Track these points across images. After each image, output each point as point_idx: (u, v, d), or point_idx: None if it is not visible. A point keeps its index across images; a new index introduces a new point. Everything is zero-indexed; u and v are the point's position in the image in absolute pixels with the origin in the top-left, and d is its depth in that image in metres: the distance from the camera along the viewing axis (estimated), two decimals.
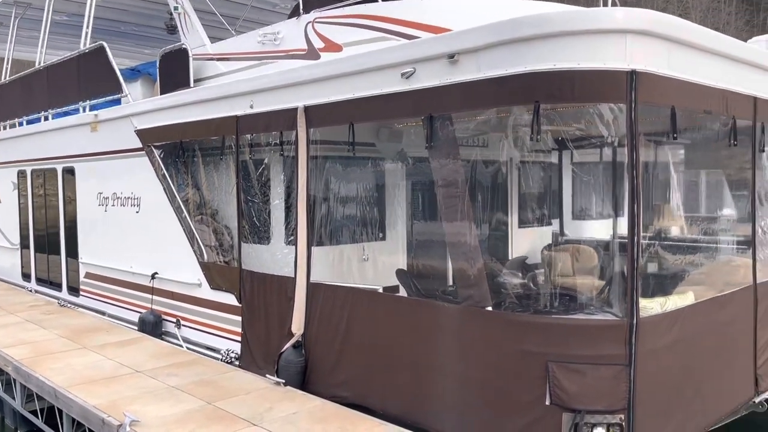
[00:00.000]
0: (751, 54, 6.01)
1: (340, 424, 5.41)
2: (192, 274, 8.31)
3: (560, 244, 10.73)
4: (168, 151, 8.86)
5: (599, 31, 4.57)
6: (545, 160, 10.96)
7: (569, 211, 12.47)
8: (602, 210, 12.61)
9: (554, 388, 4.67)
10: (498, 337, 4.99)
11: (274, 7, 12.20)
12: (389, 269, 8.04)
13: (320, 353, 6.45)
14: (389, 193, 8.44)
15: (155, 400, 6.03)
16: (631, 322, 4.64)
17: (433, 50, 5.33)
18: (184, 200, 8.54)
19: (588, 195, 12.67)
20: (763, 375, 6.26)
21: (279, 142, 6.94)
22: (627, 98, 4.58)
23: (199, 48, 9.73)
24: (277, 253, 7.38)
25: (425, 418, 5.46)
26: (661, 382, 4.90)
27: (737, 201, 6.63)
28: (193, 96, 8.24)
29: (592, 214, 12.70)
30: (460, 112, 5.33)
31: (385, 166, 8.42)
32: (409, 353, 5.64)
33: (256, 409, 5.76)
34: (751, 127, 6.17)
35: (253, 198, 7.62)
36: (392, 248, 8.46)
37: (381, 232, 8.47)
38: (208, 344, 8.15)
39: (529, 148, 9.41)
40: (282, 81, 6.88)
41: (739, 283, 6.06)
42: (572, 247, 10.01)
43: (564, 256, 9.63)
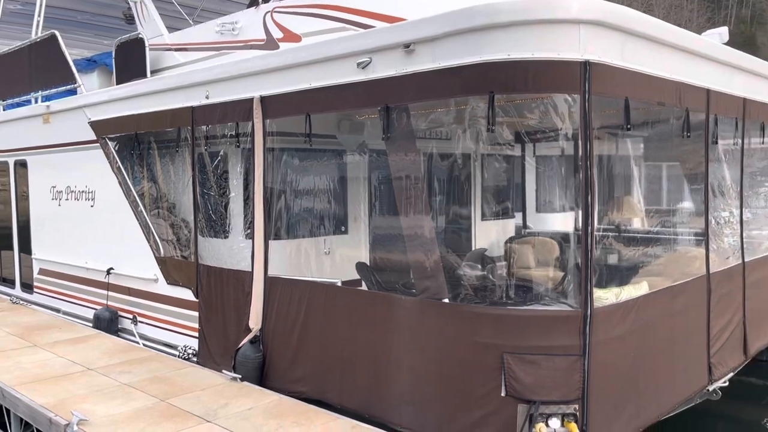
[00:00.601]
0: (704, 46, 6.07)
1: (296, 419, 5.33)
2: (148, 269, 8.12)
3: (522, 237, 10.77)
4: (123, 143, 8.63)
5: (553, 21, 4.55)
6: (508, 153, 10.98)
7: (533, 204, 12.56)
8: (564, 203, 12.73)
9: (509, 380, 4.66)
10: (454, 329, 4.95)
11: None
12: (351, 263, 7.97)
13: (278, 348, 6.35)
14: (351, 186, 8.36)
15: (106, 398, 5.86)
16: (585, 312, 4.65)
17: (389, 40, 5.25)
18: (140, 194, 8.34)
19: (550, 188, 12.77)
20: (717, 363, 6.35)
21: (235, 133, 6.79)
22: (581, 89, 4.58)
23: (157, 38, 9.52)
24: (235, 247, 7.24)
25: (383, 412, 5.40)
26: (615, 371, 4.93)
27: (693, 193, 6.71)
28: (147, 86, 8.04)
29: (555, 207, 12.80)
30: (416, 102, 5.27)
31: (347, 159, 8.34)
32: (366, 347, 5.58)
33: (211, 406, 5.64)
34: (704, 119, 6.24)
35: (210, 191, 7.46)
36: (354, 242, 8.39)
37: (343, 225, 8.39)
38: (166, 341, 7.98)
39: (489, 141, 9.44)
40: (238, 71, 6.74)
41: (693, 273, 6.14)
42: (533, 239, 10.08)
43: (525, 248, 9.68)
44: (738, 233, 7.04)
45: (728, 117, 6.65)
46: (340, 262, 8.13)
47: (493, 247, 9.96)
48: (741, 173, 7.10)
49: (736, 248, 7.01)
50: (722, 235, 6.77)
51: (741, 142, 7.01)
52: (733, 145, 6.92)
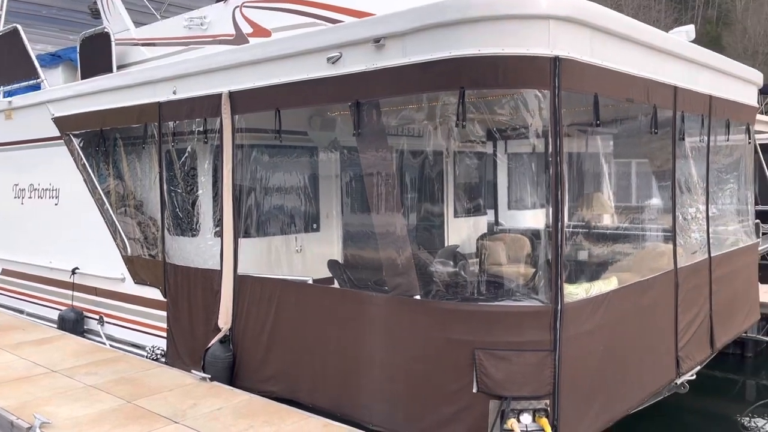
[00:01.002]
0: (672, 44, 6.14)
1: (267, 418, 5.26)
2: (115, 269, 7.95)
3: (495, 234, 10.81)
4: (88, 140, 8.44)
5: (522, 16, 4.55)
6: (479, 150, 11.01)
7: (504, 201, 12.62)
8: (535, 200, 12.82)
9: (481, 376, 4.65)
10: (425, 325, 4.93)
11: None
12: (323, 260, 7.91)
13: (248, 347, 6.26)
14: (323, 183, 8.28)
15: (69, 400, 5.71)
16: (556, 307, 4.66)
17: (359, 34, 5.21)
18: (106, 191, 8.16)
19: (522, 185, 12.85)
20: (684, 357, 6.44)
21: (203, 129, 6.68)
22: (550, 84, 4.58)
23: (123, 32, 9.32)
24: (203, 245, 7.12)
25: (354, 411, 5.36)
26: (585, 366, 4.95)
27: (661, 190, 6.79)
28: (113, 81, 7.87)
29: (526, 204, 12.89)
30: (387, 98, 5.22)
31: (318, 156, 8.26)
32: (337, 345, 5.53)
33: (179, 407, 5.53)
34: (672, 116, 6.31)
35: (178, 188, 7.33)
36: (326, 239, 8.31)
37: (314, 222, 8.31)
38: (133, 341, 7.82)
39: (461, 138, 9.43)
40: (206, 66, 6.62)
41: (661, 268, 6.20)
42: (506, 236, 10.11)
43: (497, 244, 9.71)
44: (704, 229, 7.14)
45: (695, 114, 6.74)
46: (311, 259, 8.06)
47: (466, 244, 9.97)
48: (707, 170, 7.20)
49: (703, 243, 7.11)
50: (689, 231, 6.85)
51: (707, 139, 7.11)
52: (699, 142, 7.01)
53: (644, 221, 7.34)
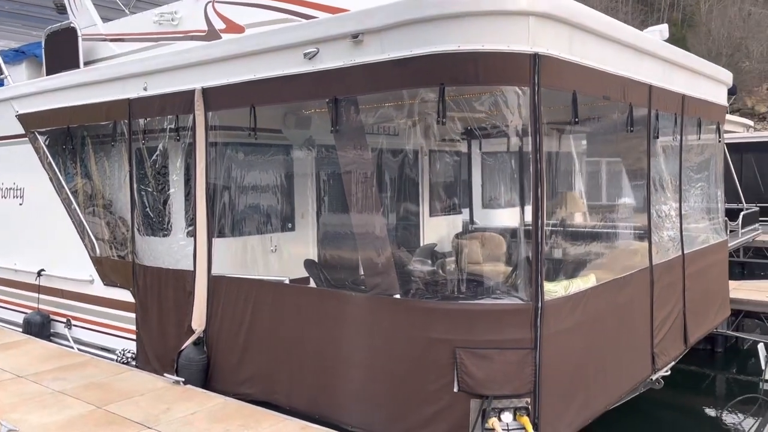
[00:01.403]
0: (647, 43, 6.18)
1: (243, 422, 5.14)
2: (83, 270, 7.73)
3: (470, 232, 10.81)
4: (54, 138, 8.19)
5: (502, 13, 4.52)
6: (455, 149, 11.02)
7: (479, 200, 12.65)
8: (510, 198, 12.88)
9: (462, 375, 4.61)
10: (405, 324, 4.87)
11: None
12: (299, 260, 7.80)
13: (223, 349, 6.13)
14: (298, 181, 8.17)
15: (37, 406, 5.52)
16: (536, 305, 4.65)
17: (336, 30, 5.12)
18: (73, 191, 7.93)
19: (496, 184, 12.89)
20: (659, 353, 6.49)
21: (176, 126, 6.52)
22: (530, 81, 4.56)
23: (90, 28, 9.08)
24: (175, 245, 6.95)
25: (333, 412, 5.28)
26: (565, 363, 4.95)
27: (635, 188, 6.83)
28: (81, 77, 7.65)
29: (500, 203, 12.93)
30: (366, 94, 5.15)
31: (293, 154, 8.14)
32: (315, 346, 5.44)
33: (151, 411, 5.38)
34: (647, 114, 6.35)
35: (148, 187, 7.15)
36: (302, 239, 8.20)
37: (290, 222, 8.19)
38: (103, 344, 7.62)
39: (437, 137, 9.42)
40: (178, 61, 6.47)
41: (637, 265, 6.24)
42: (481, 234, 10.10)
43: (473, 243, 9.70)
44: (678, 226, 7.22)
45: (668, 113, 6.80)
46: (287, 259, 7.94)
47: (442, 242, 9.95)
48: (680, 168, 7.28)
49: (676, 241, 7.18)
50: (663, 228, 6.92)
51: (680, 137, 7.19)
52: (672, 141, 7.08)
53: (619, 219, 7.38)
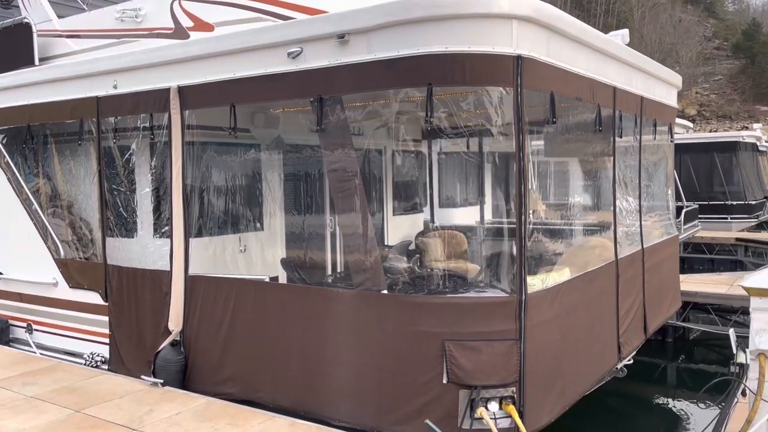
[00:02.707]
0: (613, 47, 6.48)
1: (230, 420, 5.13)
2: (46, 273, 7.50)
3: (433, 230, 10.98)
4: (12, 137, 7.92)
5: (488, 16, 4.68)
6: (416, 149, 11.21)
7: (437, 199, 12.86)
8: (466, 198, 13.17)
9: (451, 367, 4.74)
10: (394, 319, 4.97)
11: None
12: (268, 260, 7.79)
13: (202, 349, 6.08)
14: (266, 181, 8.15)
15: (12, 413, 5.35)
16: (521, 298, 4.83)
17: (322, 30, 5.18)
18: (35, 191, 7.68)
19: (453, 184, 13.15)
20: (624, 343, 6.81)
21: (149, 125, 6.43)
22: (514, 82, 4.74)
23: (44, 23, 8.81)
24: (150, 245, 6.84)
25: (319, 408, 5.33)
26: (545, 353, 5.15)
27: (598, 186, 7.14)
28: (43, 75, 7.42)
29: (456, 202, 13.19)
30: (351, 93, 5.23)
31: (262, 154, 8.12)
32: (300, 343, 5.47)
33: (134, 413, 5.31)
34: (611, 114, 6.66)
35: (120, 187, 7.01)
36: (270, 239, 8.19)
37: (258, 222, 8.17)
38: (68, 349, 7.41)
39: (401, 137, 9.58)
40: (152, 59, 6.37)
41: (605, 259, 6.54)
42: (444, 232, 10.32)
43: (436, 241, 9.91)
44: (638, 222, 7.59)
45: (629, 113, 7.15)
46: (256, 259, 7.92)
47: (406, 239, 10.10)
48: (639, 166, 7.65)
49: (636, 235, 7.55)
50: (625, 224, 7.25)
51: (639, 137, 7.56)
52: (633, 141, 7.44)
53: (585, 216, 7.69)
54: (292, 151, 8.23)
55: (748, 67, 64.01)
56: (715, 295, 10.06)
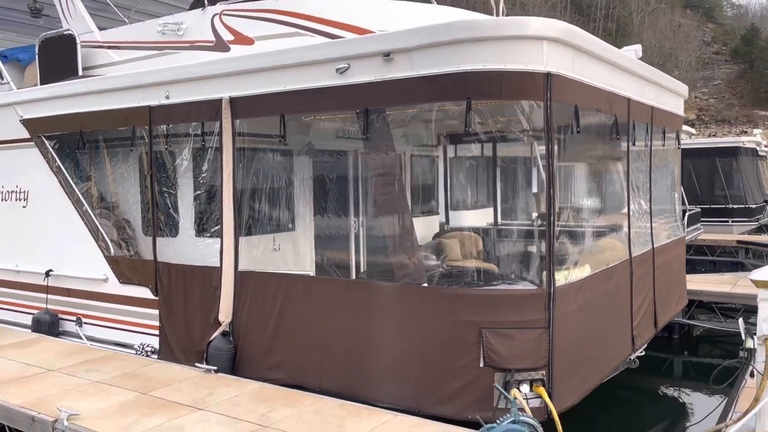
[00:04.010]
0: (627, 62, 7.04)
1: (285, 401, 5.66)
2: (97, 269, 8.02)
3: (449, 231, 11.52)
4: (63, 142, 8.45)
5: (522, 37, 5.23)
6: (432, 154, 11.79)
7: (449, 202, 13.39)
8: (477, 200, 13.72)
9: (488, 352, 5.28)
10: (435, 309, 5.51)
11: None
12: (299, 258, 8.32)
13: (251, 339, 6.60)
14: (298, 184, 8.68)
15: (83, 395, 5.87)
16: (549, 290, 5.37)
17: (369, 48, 5.72)
18: (86, 194, 8.21)
19: (464, 187, 13.69)
20: (637, 335, 7.36)
21: (200, 132, 6.96)
22: (544, 96, 5.29)
23: (86, 35, 9.34)
24: (195, 244, 7.37)
25: (363, 390, 5.84)
26: (570, 341, 5.69)
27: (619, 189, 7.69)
28: (97, 85, 7.94)
29: (467, 205, 13.73)
30: (395, 106, 5.78)
31: (294, 159, 8.66)
32: (345, 331, 6.00)
33: (196, 395, 5.83)
34: (626, 124, 7.21)
35: (171, 189, 7.54)
36: (301, 238, 8.72)
37: (291, 222, 8.70)
38: (116, 340, 7.92)
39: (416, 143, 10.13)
40: (204, 72, 6.90)
41: (620, 257, 7.09)
42: (459, 233, 10.87)
43: (454, 242, 10.44)
44: (649, 223, 8.13)
45: (642, 122, 7.70)
46: (288, 257, 8.44)
47: (423, 241, 10.63)
48: (650, 171, 8.20)
49: (647, 236, 8.10)
50: (638, 225, 7.80)
51: (650, 144, 8.11)
52: (644, 147, 7.99)
53: (602, 217, 8.22)
54: (320, 156, 8.76)
55: (746, 72, 64.67)
56: (719, 293, 10.60)
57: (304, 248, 8.72)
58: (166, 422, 5.21)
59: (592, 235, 7.77)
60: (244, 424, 5.17)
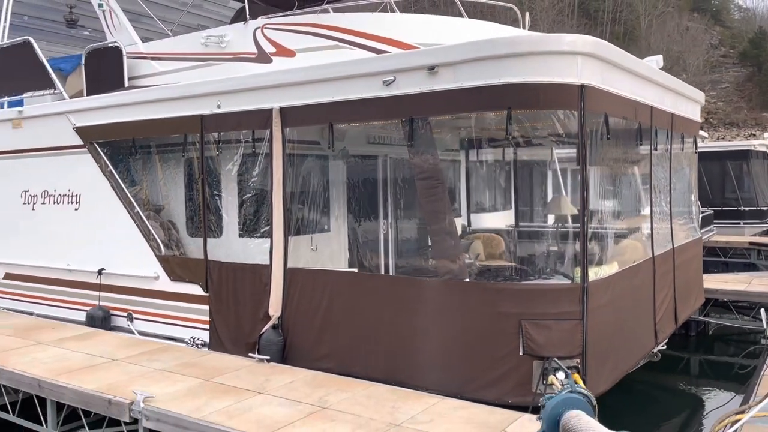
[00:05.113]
0: (650, 72, 7.51)
1: (338, 387, 6.14)
2: (148, 268, 8.53)
3: (468, 234, 11.99)
4: (115, 148, 8.98)
5: (558, 52, 5.73)
6: (454, 158, 12.28)
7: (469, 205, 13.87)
8: (496, 203, 14.19)
9: (527, 341, 5.76)
10: (477, 302, 5.99)
11: (209, 12, 12.55)
12: (334, 258, 8.82)
13: (300, 331, 7.09)
14: (333, 188, 9.18)
15: (151, 381, 6.37)
16: (583, 285, 5.84)
17: (414, 62, 6.22)
18: (138, 197, 8.73)
19: (484, 190, 14.16)
20: (659, 330, 7.82)
21: (251, 139, 7.47)
22: (578, 106, 5.77)
23: (130, 47, 9.88)
24: (246, 244, 7.87)
25: (408, 378, 6.31)
26: (602, 333, 6.15)
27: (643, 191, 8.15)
28: (150, 95, 8.46)
29: (486, 207, 14.20)
30: (439, 115, 6.27)
31: (329, 163, 9.16)
32: (391, 323, 6.48)
33: (254, 381, 6.32)
34: (649, 130, 7.68)
35: (223, 192, 8.05)
36: (335, 239, 9.22)
37: (326, 224, 9.20)
38: (167, 334, 8.43)
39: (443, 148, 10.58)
40: (255, 83, 7.42)
41: (643, 256, 7.55)
42: (482, 235, 11.34)
43: (477, 243, 10.92)
44: (669, 224, 8.59)
45: (663, 128, 8.17)
46: (323, 257, 8.93)
47: None
48: (669, 174, 8.66)
49: (668, 236, 8.55)
50: (660, 226, 8.26)
51: (670, 149, 8.58)
52: (665, 152, 8.46)
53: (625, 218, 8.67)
54: (354, 161, 9.26)
55: (755, 75, 64.83)
56: (734, 292, 11.02)
57: (339, 248, 9.22)
58: (234, 404, 5.70)
59: (619, 236, 8.23)
60: (305, 405, 5.66)
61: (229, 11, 13.25)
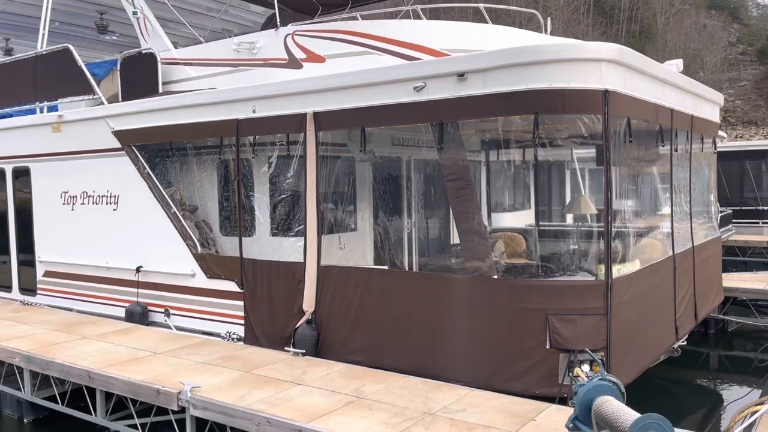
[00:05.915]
0: (670, 76, 7.75)
1: (373, 379, 6.46)
2: (184, 266, 8.90)
3: (492, 232, 12.25)
4: (152, 151, 9.36)
5: (583, 59, 5.99)
6: (476, 159, 12.55)
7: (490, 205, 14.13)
8: (516, 203, 14.44)
9: (553, 335, 6.03)
10: (505, 298, 6.27)
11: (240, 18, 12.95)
12: (360, 257, 9.13)
13: (333, 326, 7.41)
14: (359, 189, 9.50)
15: (195, 373, 6.73)
16: (607, 281, 6.11)
17: (445, 69, 6.51)
18: (174, 198, 9.10)
19: (503, 190, 14.41)
20: (680, 326, 8.05)
21: (286, 142, 7.80)
22: (603, 111, 6.04)
23: (164, 53, 10.26)
24: (280, 243, 8.21)
25: (438, 370, 6.61)
26: (624, 327, 6.41)
27: (663, 191, 8.38)
28: (188, 100, 8.81)
29: (505, 207, 14.46)
30: (468, 119, 6.56)
31: (356, 165, 9.47)
32: (421, 318, 6.77)
33: (292, 373, 6.66)
34: (669, 132, 7.92)
35: (257, 194, 8.40)
36: (361, 238, 9.54)
37: (353, 223, 9.52)
38: (203, 329, 8.79)
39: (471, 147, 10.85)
40: (289, 89, 7.74)
41: (664, 254, 7.79)
42: (503, 234, 11.60)
43: (499, 242, 11.18)
44: (689, 224, 8.82)
45: (683, 130, 8.40)
46: (350, 256, 9.24)
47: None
48: (690, 175, 8.88)
49: (688, 234, 8.78)
50: (680, 225, 8.49)
51: (690, 150, 8.80)
52: (685, 153, 8.68)
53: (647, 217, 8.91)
54: (380, 162, 9.57)
55: None
56: (753, 290, 11.20)
57: (365, 247, 9.54)
58: (275, 394, 6.04)
59: (640, 234, 8.47)
60: (343, 395, 5.98)
61: (252, 15, 13.63)
